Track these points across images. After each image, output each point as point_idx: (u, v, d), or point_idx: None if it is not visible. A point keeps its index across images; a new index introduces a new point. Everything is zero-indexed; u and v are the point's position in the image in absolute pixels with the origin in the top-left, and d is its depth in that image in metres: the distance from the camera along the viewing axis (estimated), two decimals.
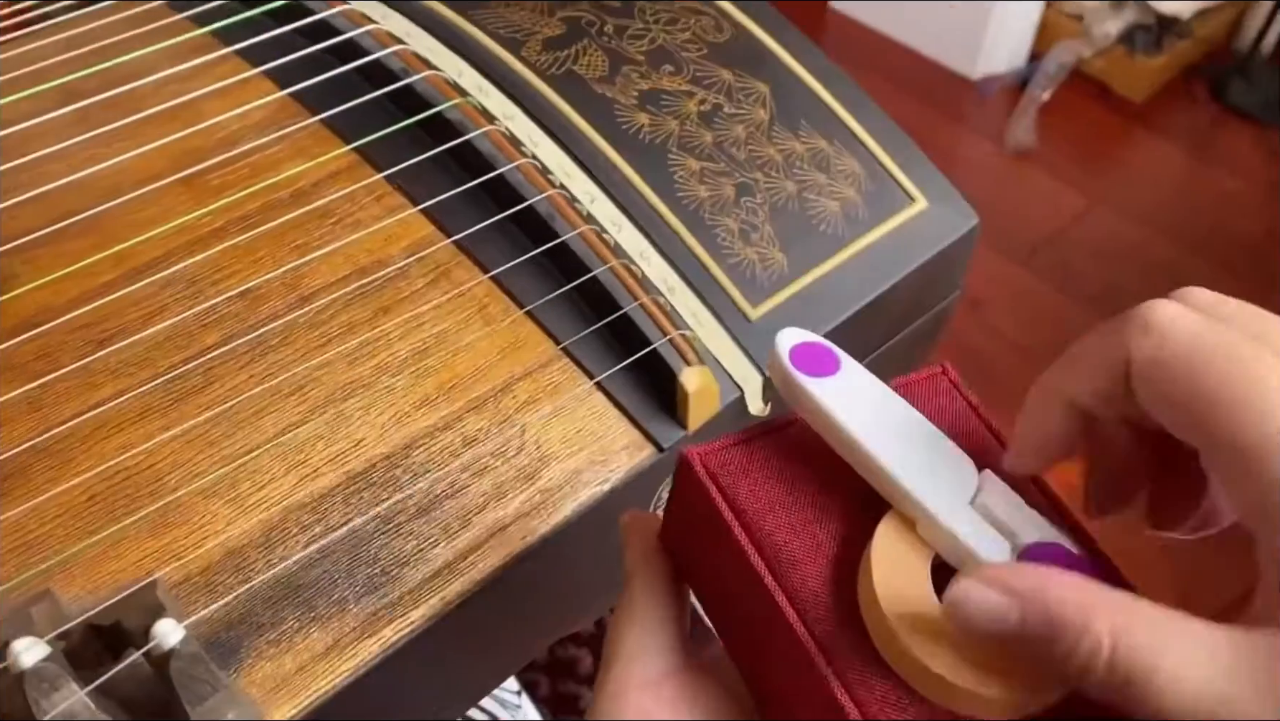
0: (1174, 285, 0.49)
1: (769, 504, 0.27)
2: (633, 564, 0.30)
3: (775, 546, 0.26)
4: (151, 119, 0.44)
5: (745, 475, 0.28)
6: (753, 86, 0.50)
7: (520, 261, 0.42)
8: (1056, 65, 1.68)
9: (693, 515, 0.29)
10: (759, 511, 0.27)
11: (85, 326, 0.38)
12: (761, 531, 0.27)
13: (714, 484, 0.28)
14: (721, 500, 0.27)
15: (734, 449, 0.28)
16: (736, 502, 0.27)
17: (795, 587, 0.26)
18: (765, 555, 0.26)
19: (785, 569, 0.26)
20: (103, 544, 0.34)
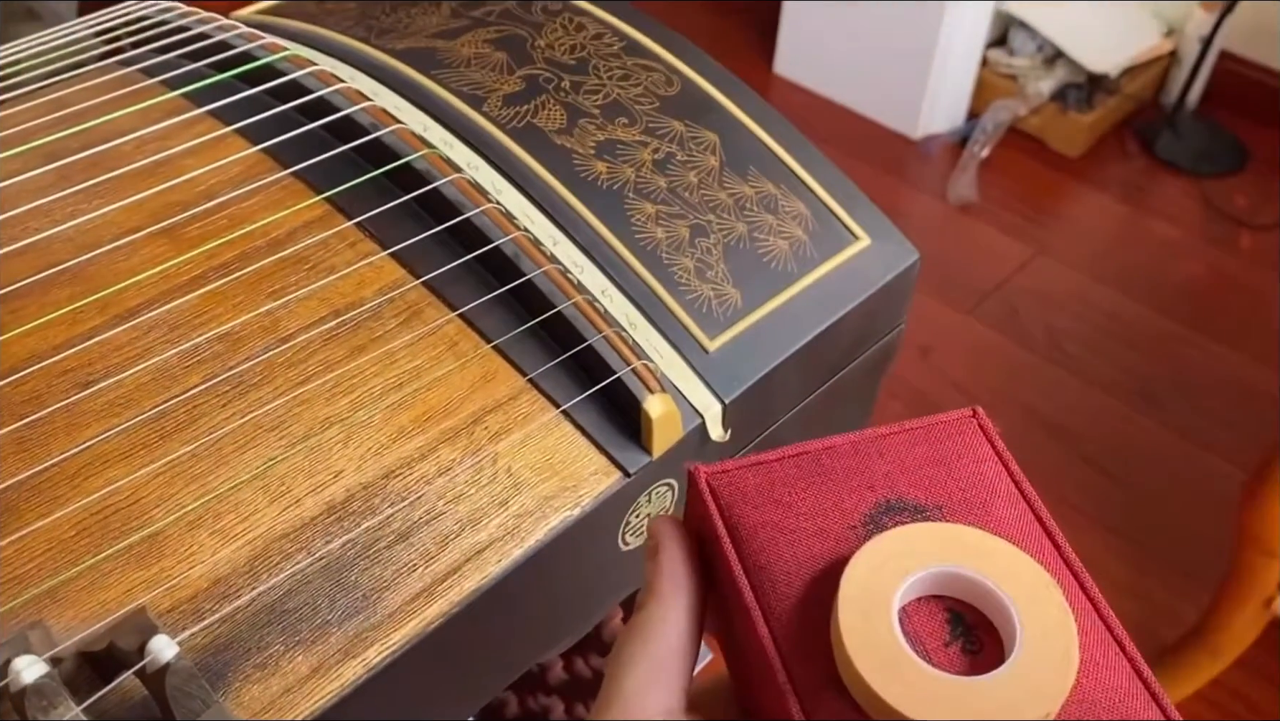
0: (1117, 329, 0.50)
1: (762, 524, 0.27)
2: (664, 582, 0.28)
3: (760, 565, 0.27)
4: (131, 175, 0.46)
5: (745, 494, 0.28)
6: (703, 135, 0.53)
7: (488, 299, 0.44)
8: (994, 123, 1.75)
9: (698, 529, 0.29)
10: (751, 530, 0.27)
11: (71, 370, 0.39)
12: (750, 549, 0.27)
13: (714, 500, 0.28)
14: (718, 516, 0.28)
15: (740, 470, 0.29)
16: (731, 519, 0.28)
17: (772, 606, 0.26)
18: (749, 571, 0.27)
19: (767, 587, 0.26)
20: (91, 574, 0.35)
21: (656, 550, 0.29)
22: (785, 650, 0.26)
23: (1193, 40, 1.78)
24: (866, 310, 0.51)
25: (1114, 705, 0.25)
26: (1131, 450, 1.39)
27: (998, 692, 0.24)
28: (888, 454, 0.29)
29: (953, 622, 0.26)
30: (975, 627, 0.26)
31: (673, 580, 0.28)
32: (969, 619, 0.26)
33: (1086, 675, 0.25)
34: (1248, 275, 1.64)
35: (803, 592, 0.26)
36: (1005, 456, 0.29)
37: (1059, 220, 1.73)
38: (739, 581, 0.27)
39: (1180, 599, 1.21)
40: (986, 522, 0.27)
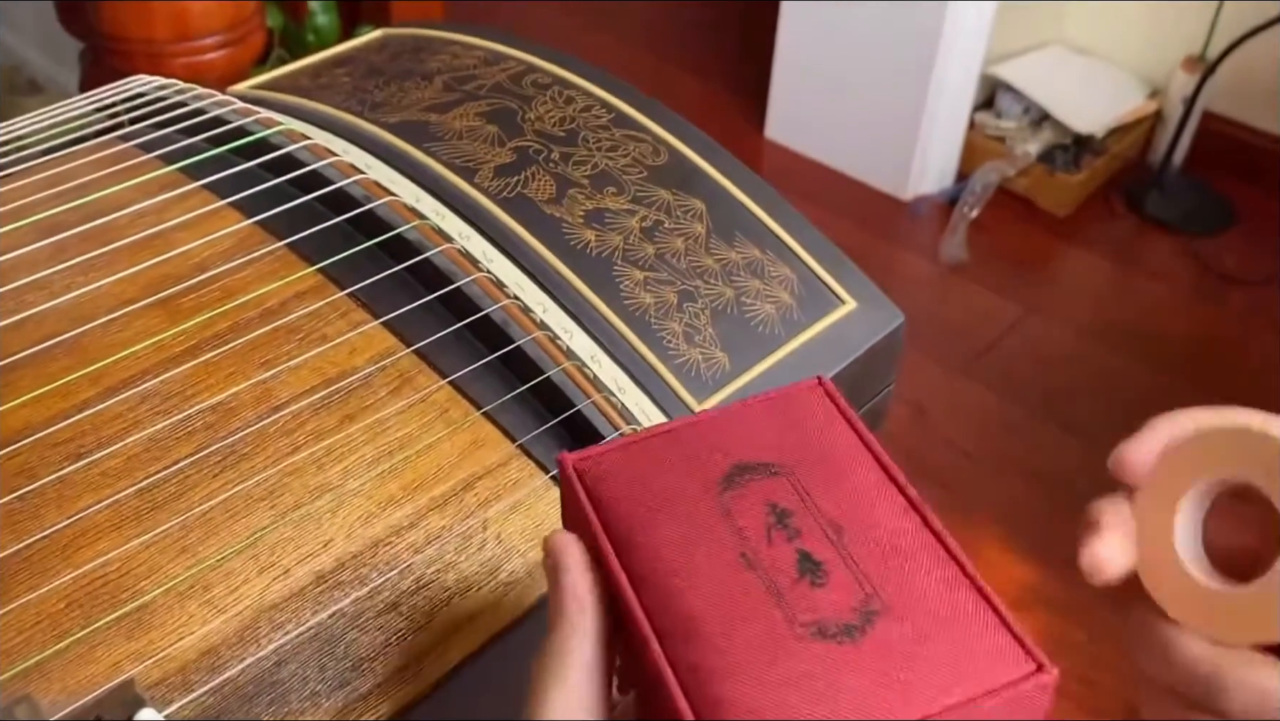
0: (1110, 386, 0.51)
1: (625, 497, 0.30)
2: (569, 603, 0.29)
3: (625, 534, 0.29)
4: (126, 249, 0.46)
5: (610, 474, 0.31)
6: (690, 203, 0.54)
7: (478, 366, 0.45)
8: (982, 184, 1.77)
9: (571, 512, 0.32)
10: (614, 503, 0.30)
11: (64, 441, 0.40)
12: (615, 521, 0.30)
13: (580, 483, 0.31)
14: (584, 495, 0.30)
15: (604, 454, 0.31)
16: (596, 497, 0.30)
17: (635, 570, 0.29)
18: (616, 543, 0.29)
19: (634, 555, 0.29)
20: (79, 647, 0.35)
21: (556, 569, 0.30)
22: (648, 606, 0.28)
23: (1176, 101, 1.81)
24: (854, 372, 0.51)
25: (954, 620, 0.27)
26: None
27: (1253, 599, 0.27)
28: (741, 423, 0.31)
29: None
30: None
31: (576, 599, 0.29)
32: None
33: (932, 597, 0.28)
34: (1240, 333, 1.65)
35: (666, 560, 0.28)
36: (850, 416, 0.32)
37: (1050, 279, 1.75)
38: (607, 554, 0.29)
39: None
40: (829, 470, 0.30)
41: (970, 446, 1.46)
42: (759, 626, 0.27)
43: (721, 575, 0.28)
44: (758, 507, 0.29)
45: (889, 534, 0.29)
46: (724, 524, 0.29)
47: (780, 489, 0.30)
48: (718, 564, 0.28)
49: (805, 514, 0.29)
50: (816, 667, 0.26)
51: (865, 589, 0.27)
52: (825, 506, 0.29)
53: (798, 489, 0.30)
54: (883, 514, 0.29)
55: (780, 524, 0.29)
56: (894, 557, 0.28)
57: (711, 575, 0.28)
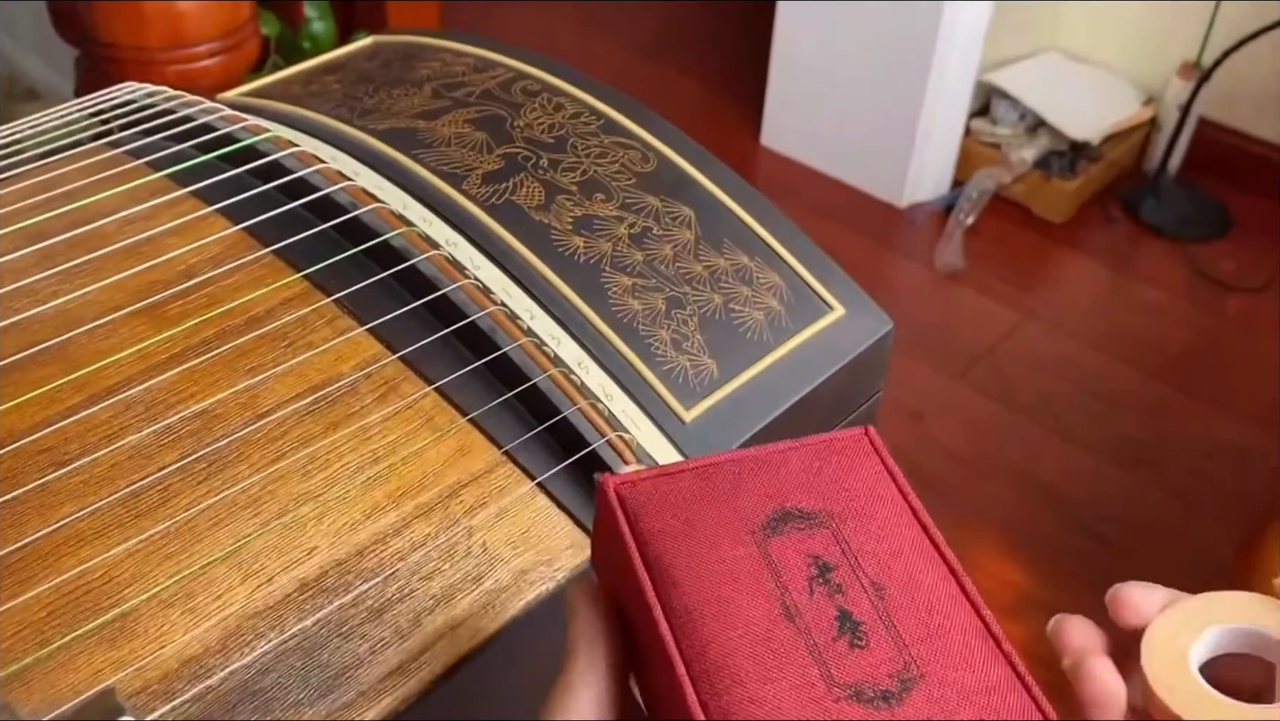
0: (1106, 393, 0.50)
1: (666, 530, 0.29)
2: (582, 638, 0.29)
3: (664, 567, 0.29)
4: (113, 255, 0.46)
5: (652, 503, 0.30)
6: (678, 210, 0.54)
7: (464, 373, 0.45)
8: (978, 191, 1.77)
9: (606, 540, 0.31)
10: (656, 535, 0.29)
11: (48, 448, 0.40)
12: (654, 553, 0.29)
13: (621, 509, 0.30)
14: (625, 523, 0.30)
15: (647, 481, 0.31)
16: (637, 527, 0.30)
17: (674, 606, 0.28)
18: (653, 575, 0.29)
19: (669, 588, 0.28)
20: (61, 655, 0.35)
21: (574, 614, 0.30)
22: (685, 647, 0.27)
23: (1171, 108, 1.81)
24: (842, 379, 0.51)
25: (989, 695, 0.27)
26: (1125, 514, 1.39)
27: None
28: (785, 466, 0.31)
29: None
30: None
31: (590, 640, 0.29)
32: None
33: (967, 669, 0.27)
34: (1236, 339, 1.65)
35: (706, 601, 0.28)
36: (893, 470, 0.32)
37: (1046, 286, 1.75)
38: (645, 586, 0.28)
39: None
40: (872, 526, 0.30)
41: (966, 452, 1.46)
42: (797, 682, 0.27)
43: (762, 624, 0.28)
44: (800, 558, 0.29)
45: (927, 599, 0.29)
46: (766, 571, 0.29)
47: (823, 541, 0.29)
48: (758, 612, 0.28)
49: (847, 569, 0.29)
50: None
51: (904, 656, 0.27)
52: (866, 564, 0.29)
53: (840, 542, 0.29)
54: (922, 577, 0.29)
55: (822, 578, 0.29)
56: (931, 624, 0.28)
57: (751, 623, 0.28)
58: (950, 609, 0.29)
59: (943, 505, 1.37)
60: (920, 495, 0.31)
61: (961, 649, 0.28)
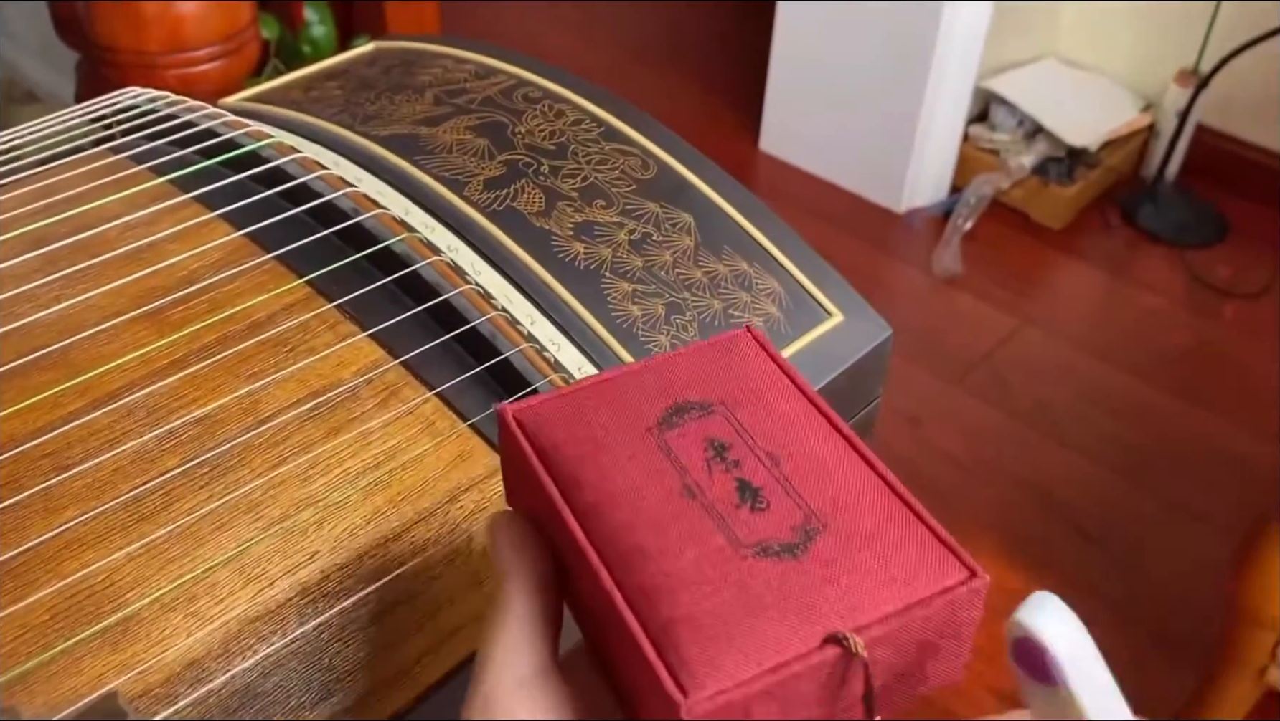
0: (1104, 398, 0.49)
1: (566, 440, 0.30)
2: (504, 562, 0.30)
3: (568, 476, 0.30)
4: (115, 260, 0.46)
5: (550, 420, 0.31)
6: (678, 216, 0.54)
7: (465, 378, 0.45)
8: (977, 196, 1.78)
9: (512, 462, 0.32)
10: (556, 447, 0.30)
11: (51, 453, 0.40)
12: (557, 465, 0.30)
13: (521, 430, 0.31)
14: (525, 442, 0.31)
15: (542, 402, 0.32)
16: (538, 443, 0.31)
17: (580, 505, 0.29)
18: (560, 485, 0.30)
19: (572, 490, 0.29)
20: (63, 659, 0.35)
21: (494, 539, 0.31)
22: (595, 539, 0.28)
23: (1169, 114, 1.82)
24: (841, 385, 0.52)
25: (887, 533, 0.28)
26: (1123, 521, 1.39)
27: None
28: (675, 367, 0.32)
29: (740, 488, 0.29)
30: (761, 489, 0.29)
31: (515, 557, 0.30)
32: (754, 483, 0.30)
33: (865, 513, 0.29)
34: (1233, 345, 1.66)
35: (611, 494, 0.29)
36: (778, 358, 0.33)
37: (1044, 291, 1.75)
38: (551, 493, 0.29)
39: (1175, 670, 1.20)
40: (762, 406, 0.31)
41: (964, 457, 1.46)
42: (705, 549, 0.28)
43: (666, 506, 0.29)
44: (697, 443, 0.30)
45: (822, 460, 0.30)
46: (665, 460, 0.30)
47: (717, 425, 0.31)
48: (661, 496, 0.29)
49: (742, 446, 0.30)
50: (761, 581, 0.27)
51: (803, 510, 0.29)
52: (760, 439, 0.30)
53: (733, 424, 0.31)
54: (815, 443, 0.30)
55: (719, 457, 0.30)
56: (828, 481, 0.29)
57: (656, 506, 0.29)
58: (844, 466, 0.30)
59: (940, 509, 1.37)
60: (916, 498, 0.32)
61: (858, 498, 0.29)
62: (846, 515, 0.29)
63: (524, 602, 0.29)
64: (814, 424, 0.31)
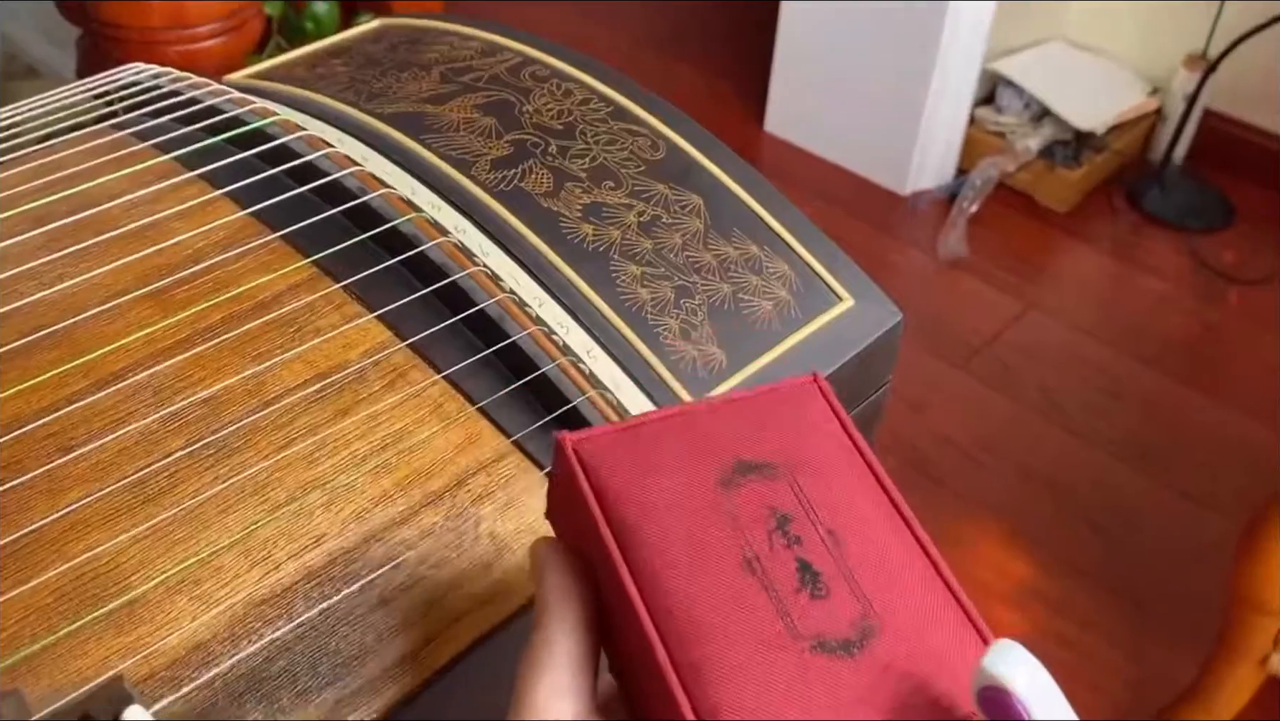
0: (1108, 383, 0.48)
1: (626, 487, 0.30)
2: (550, 600, 0.30)
3: (626, 527, 0.29)
4: (119, 239, 0.46)
5: (609, 460, 0.30)
6: (687, 198, 0.53)
7: (473, 361, 0.44)
8: (982, 179, 1.77)
9: (565, 497, 0.31)
10: (616, 493, 0.30)
11: (54, 434, 0.39)
12: (615, 510, 0.29)
13: (581, 466, 0.30)
14: (584, 480, 0.30)
15: (604, 436, 0.31)
16: (598, 484, 0.30)
17: (639, 566, 0.28)
18: (616, 533, 0.29)
19: (630, 546, 0.29)
20: (68, 641, 0.35)
21: (541, 571, 0.30)
22: (653, 607, 0.28)
23: (1177, 98, 1.81)
24: (852, 370, 0.51)
25: (943, 644, 0.28)
26: (1126, 506, 1.39)
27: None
28: (741, 417, 0.32)
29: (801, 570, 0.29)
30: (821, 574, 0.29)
31: (562, 596, 0.30)
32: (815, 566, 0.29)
33: (922, 615, 0.28)
34: (1238, 330, 1.65)
35: (672, 560, 0.28)
36: (843, 417, 0.33)
37: (1049, 275, 1.75)
38: (608, 544, 0.29)
39: (1178, 657, 1.20)
40: (825, 474, 0.31)
41: (967, 442, 1.46)
42: (763, 635, 0.27)
43: (725, 578, 0.28)
44: (759, 510, 0.30)
45: (882, 547, 0.29)
46: (727, 525, 0.29)
47: (780, 492, 0.30)
48: (721, 566, 0.28)
49: (804, 521, 0.30)
50: (817, 682, 0.27)
51: (862, 605, 0.28)
52: (822, 513, 0.30)
53: (797, 493, 0.30)
54: (875, 525, 0.30)
55: (781, 529, 0.29)
56: (887, 572, 0.29)
57: (715, 577, 0.28)
58: (903, 557, 0.30)
59: (943, 494, 1.37)
60: (920, 484, 0.31)
61: (915, 596, 0.29)
62: (902, 615, 0.28)
63: (568, 645, 0.29)
64: (874, 498, 0.31)
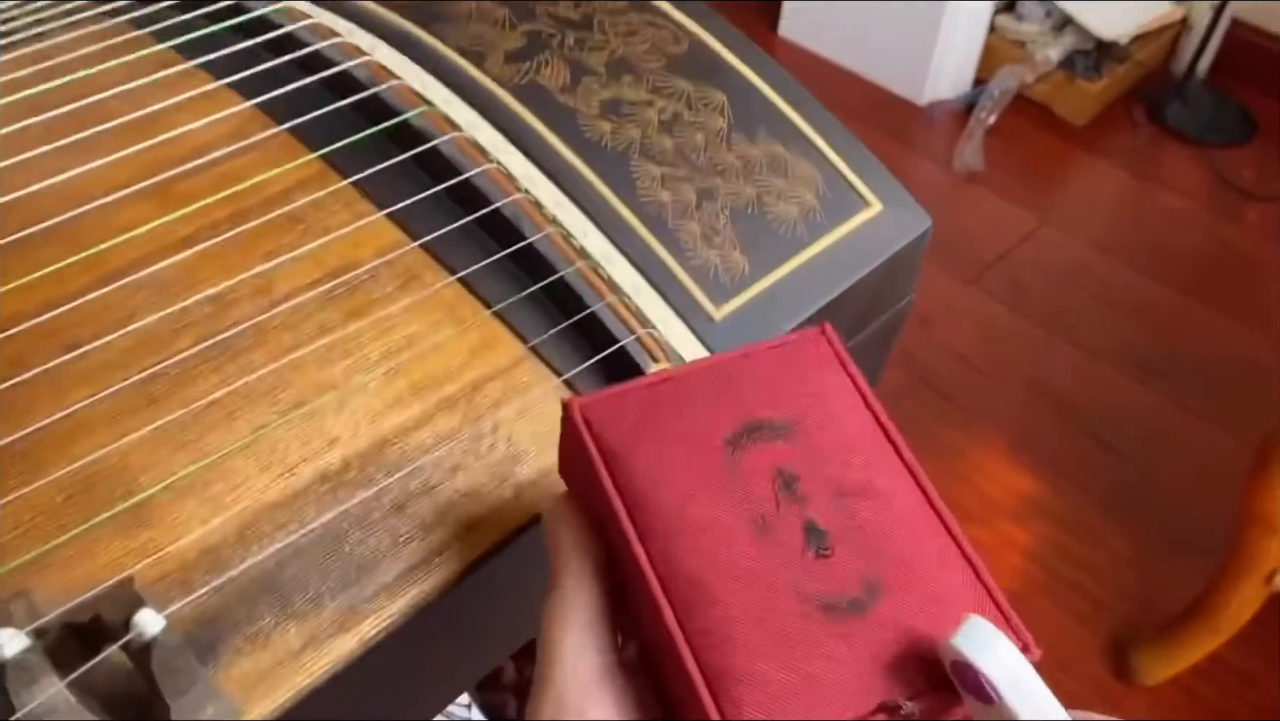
0: (1121, 301, 0.45)
1: (632, 450, 0.30)
2: (563, 557, 0.30)
3: (634, 489, 0.29)
4: (119, 130, 0.44)
5: (617, 423, 0.30)
6: (710, 96, 0.51)
7: (487, 264, 0.43)
8: (1000, 90, 1.73)
9: (574, 458, 0.31)
10: (624, 455, 0.30)
11: (56, 331, 0.38)
12: (623, 475, 0.29)
13: (588, 430, 0.30)
14: (592, 445, 0.30)
15: (611, 401, 0.31)
16: (605, 447, 0.30)
17: (647, 528, 0.29)
18: (624, 496, 0.29)
19: (640, 510, 0.29)
20: (77, 543, 0.34)
21: (556, 527, 0.31)
22: (661, 570, 0.28)
23: (1203, 8, 1.75)
24: (878, 278, 0.50)
25: (948, 600, 0.28)
26: (1134, 423, 1.39)
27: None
28: (748, 374, 0.31)
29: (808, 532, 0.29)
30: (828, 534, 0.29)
31: (578, 550, 0.30)
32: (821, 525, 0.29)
33: (927, 573, 0.29)
34: (1254, 248, 1.63)
35: (679, 525, 0.29)
36: (852, 370, 0.32)
37: (1064, 190, 1.72)
38: (618, 510, 0.29)
39: (1180, 572, 1.21)
40: (833, 432, 0.31)
41: (976, 357, 1.45)
42: (770, 598, 0.28)
43: (733, 541, 0.28)
44: (765, 470, 0.30)
45: (888, 504, 0.30)
46: (734, 486, 0.29)
47: (787, 452, 0.30)
48: (731, 531, 0.29)
49: (811, 480, 0.30)
50: (822, 639, 0.27)
51: (867, 563, 0.28)
52: (829, 472, 0.30)
53: (804, 452, 0.30)
54: (883, 482, 0.30)
55: (787, 489, 0.29)
56: (893, 529, 0.29)
57: (723, 540, 0.28)
58: (910, 513, 0.30)
59: (949, 409, 1.36)
60: (928, 399, 0.31)
61: (921, 551, 0.29)
62: (908, 572, 0.28)
63: (588, 601, 0.29)
64: (884, 456, 0.31)
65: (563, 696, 0.28)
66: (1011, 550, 1.19)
